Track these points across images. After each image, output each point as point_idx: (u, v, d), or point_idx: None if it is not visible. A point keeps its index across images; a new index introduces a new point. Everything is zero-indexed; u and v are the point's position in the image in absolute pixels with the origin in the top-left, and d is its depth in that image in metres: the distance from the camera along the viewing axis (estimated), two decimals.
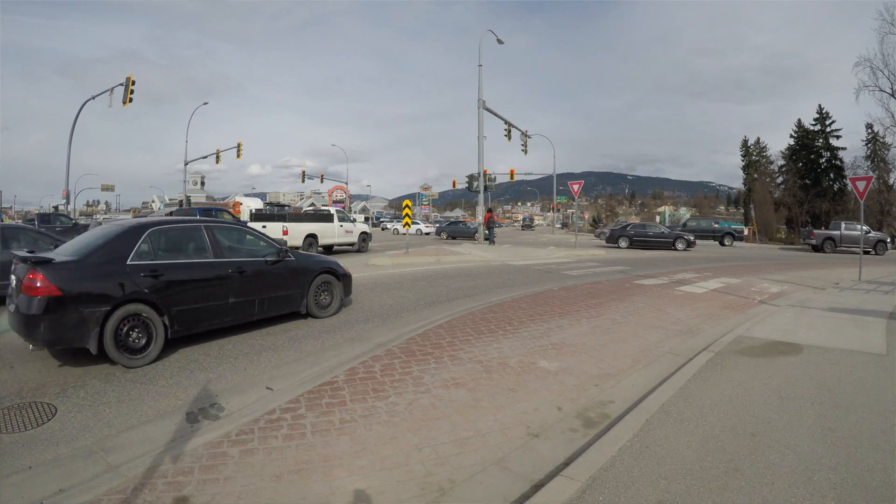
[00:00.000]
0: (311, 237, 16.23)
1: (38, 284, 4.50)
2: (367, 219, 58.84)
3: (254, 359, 5.24)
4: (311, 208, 27.30)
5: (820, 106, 53.67)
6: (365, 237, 19.54)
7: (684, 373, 4.69)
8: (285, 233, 15.22)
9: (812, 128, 54.09)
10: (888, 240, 26.25)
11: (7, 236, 8.33)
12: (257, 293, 6.09)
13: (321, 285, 6.99)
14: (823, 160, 52.90)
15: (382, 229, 54.44)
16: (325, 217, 17.92)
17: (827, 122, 53.23)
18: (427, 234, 48.05)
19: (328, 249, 18.27)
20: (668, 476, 2.80)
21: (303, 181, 51.31)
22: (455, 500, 2.79)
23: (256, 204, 26.47)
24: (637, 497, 2.60)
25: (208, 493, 2.78)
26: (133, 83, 24.36)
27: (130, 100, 24.36)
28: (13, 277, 5.06)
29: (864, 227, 22.18)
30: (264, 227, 15.59)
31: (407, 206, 19.30)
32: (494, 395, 4.27)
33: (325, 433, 3.53)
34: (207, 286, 5.58)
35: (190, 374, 4.76)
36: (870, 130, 46.11)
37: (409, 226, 19.97)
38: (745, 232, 38.05)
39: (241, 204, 26.40)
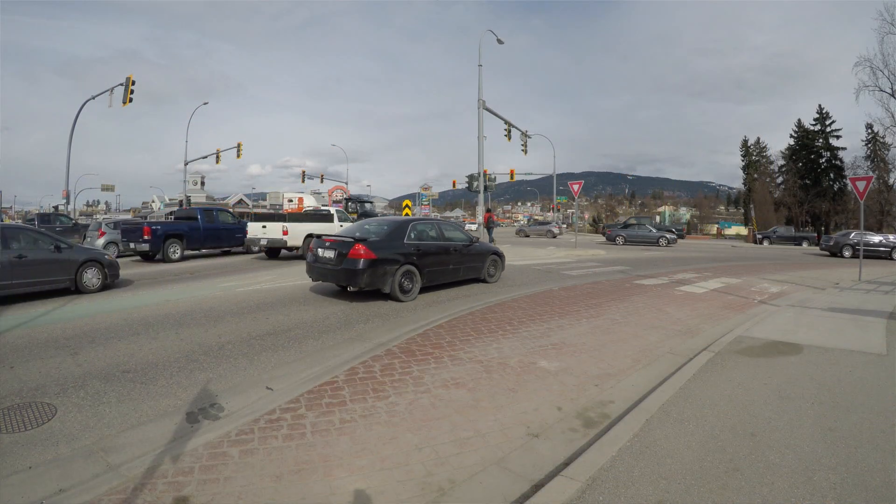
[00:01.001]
0: (312, 237, 16.21)
1: (363, 252, 7.92)
2: None
3: (254, 359, 5.24)
4: (311, 208, 27.47)
5: (820, 106, 53.66)
6: None
7: (684, 373, 4.69)
8: (285, 233, 15.18)
9: (812, 128, 54.07)
10: None
11: (7, 236, 8.33)
12: (461, 263, 9.78)
13: (492, 262, 10.71)
14: (823, 160, 52.88)
15: None
16: (325, 217, 17.87)
17: (827, 122, 53.21)
18: (556, 235, 37.84)
19: None
20: (668, 476, 2.80)
21: (303, 181, 51.28)
22: (455, 500, 2.79)
23: (312, 201, 30.83)
24: (637, 497, 2.60)
25: (208, 493, 2.78)
26: (133, 83, 24.35)
27: (130, 100, 24.34)
28: (319, 250, 8.65)
29: None
30: (264, 226, 15.56)
31: (407, 206, 19.29)
32: (494, 395, 4.27)
33: (325, 433, 3.53)
34: (441, 257, 9.28)
35: (190, 374, 4.76)
36: (870, 130, 46.13)
37: None
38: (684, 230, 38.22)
39: (303, 200, 29.99)
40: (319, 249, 8.68)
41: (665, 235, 28.02)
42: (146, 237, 14.88)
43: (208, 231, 16.87)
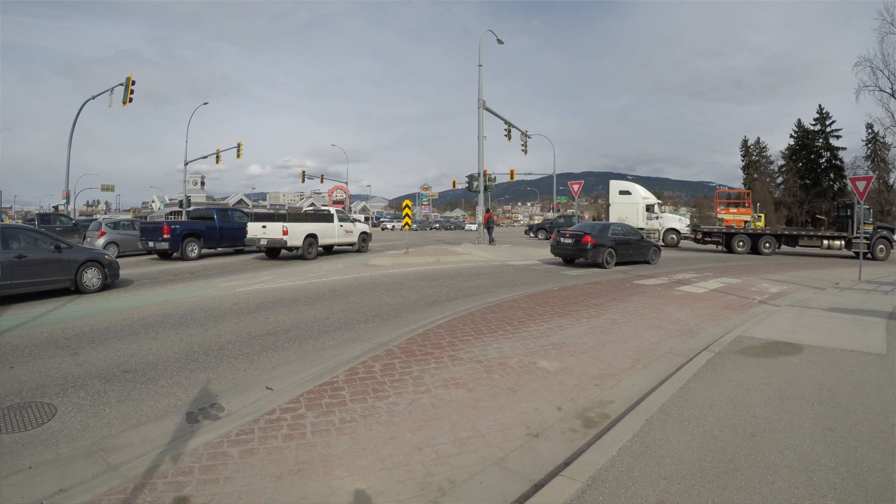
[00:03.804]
0: (311, 237, 16.18)
1: (590, 239, 13.99)
2: (366, 219, 58.76)
3: (254, 359, 5.24)
4: (311, 208, 27.43)
5: (820, 106, 53.71)
6: (365, 237, 19.52)
7: (684, 373, 4.69)
8: (285, 233, 15.18)
9: (812, 128, 54.10)
10: None
11: (7, 236, 8.34)
12: (636, 250, 15.35)
13: (653, 251, 15.92)
14: (823, 160, 52.91)
15: (382, 229, 54.30)
16: (325, 217, 17.85)
17: (827, 122, 53.23)
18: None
19: (328, 249, 18.23)
20: (668, 476, 2.80)
21: (303, 181, 51.29)
22: (455, 500, 2.79)
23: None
24: (637, 497, 2.60)
25: (208, 493, 2.78)
26: (133, 83, 24.34)
27: (130, 100, 24.34)
28: (561, 239, 14.81)
29: None
30: (264, 226, 15.56)
31: (407, 206, 19.29)
32: (494, 395, 4.27)
33: (325, 433, 3.53)
34: (625, 246, 14.94)
35: (190, 374, 4.76)
36: (870, 130, 46.17)
37: (409, 226, 19.92)
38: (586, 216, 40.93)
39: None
40: (561, 238, 14.73)
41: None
42: (166, 236, 15.29)
43: (224, 230, 17.34)
